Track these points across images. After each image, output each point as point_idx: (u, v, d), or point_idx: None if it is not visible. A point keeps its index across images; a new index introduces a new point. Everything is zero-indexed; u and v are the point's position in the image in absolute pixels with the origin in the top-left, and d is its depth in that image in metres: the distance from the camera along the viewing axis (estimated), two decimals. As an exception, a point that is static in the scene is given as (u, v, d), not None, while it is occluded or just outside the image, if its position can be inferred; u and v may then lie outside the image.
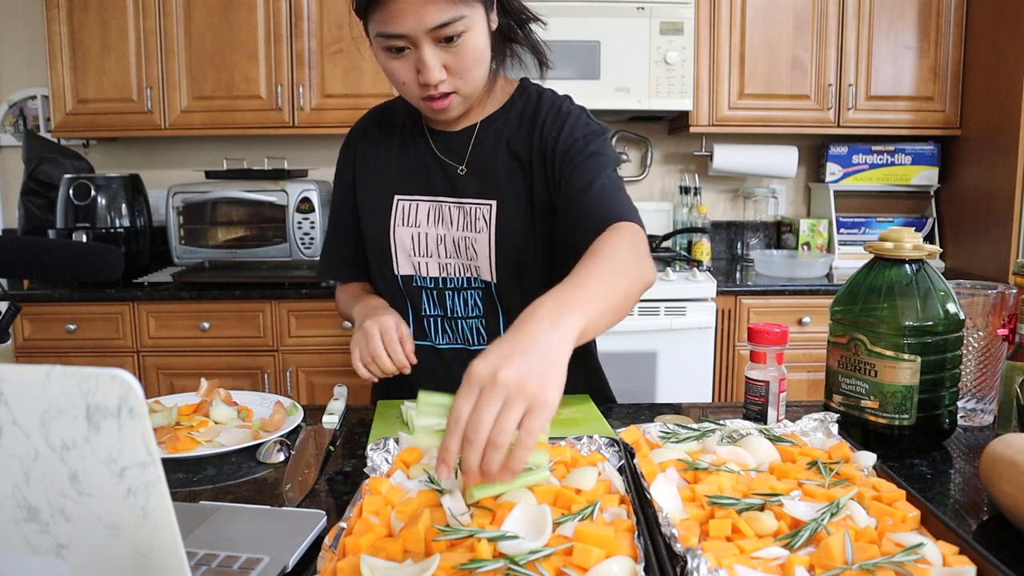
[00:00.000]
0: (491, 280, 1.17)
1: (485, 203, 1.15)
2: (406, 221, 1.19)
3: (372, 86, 2.64)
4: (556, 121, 1.14)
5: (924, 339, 0.96)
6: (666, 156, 3.11)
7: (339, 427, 1.10)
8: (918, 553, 0.62)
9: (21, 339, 2.46)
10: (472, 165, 1.17)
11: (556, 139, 1.13)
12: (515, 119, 1.17)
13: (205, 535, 0.72)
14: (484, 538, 0.63)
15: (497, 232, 1.14)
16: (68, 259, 1.01)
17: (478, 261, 1.16)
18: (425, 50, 1.00)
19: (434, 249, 1.18)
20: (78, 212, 2.56)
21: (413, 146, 1.21)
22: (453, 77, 1.04)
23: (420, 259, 1.19)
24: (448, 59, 1.02)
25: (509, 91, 1.20)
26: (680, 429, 0.93)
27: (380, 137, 1.24)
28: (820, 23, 2.70)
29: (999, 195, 2.57)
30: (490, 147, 1.17)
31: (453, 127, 1.19)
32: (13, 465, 0.46)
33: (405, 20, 0.98)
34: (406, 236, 1.19)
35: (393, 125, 1.23)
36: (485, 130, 1.18)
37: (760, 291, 2.52)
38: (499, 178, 1.15)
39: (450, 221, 1.17)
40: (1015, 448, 0.77)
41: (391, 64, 1.04)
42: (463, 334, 1.22)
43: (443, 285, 1.20)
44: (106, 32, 2.62)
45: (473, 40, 1.02)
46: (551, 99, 1.18)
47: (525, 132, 1.16)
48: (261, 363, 2.49)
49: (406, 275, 1.20)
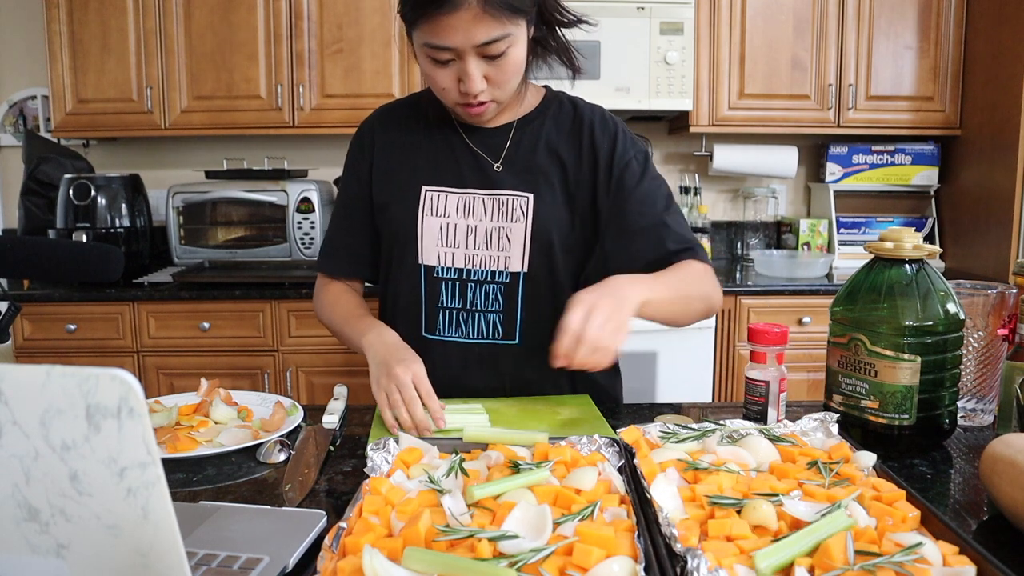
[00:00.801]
0: (520, 270, 1.20)
1: (522, 195, 1.19)
2: (435, 211, 1.20)
3: (372, 86, 2.64)
4: (605, 132, 1.22)
5: (924, 339, 0.96)
6: (666, 156, 3.11)
7: (339, 427, 1.10)
8: (918, 553, 0.62)
9: (21, 339, 2.46)
10: (509, 161, 1.21)
11: (611, 152, 1.20)
12: (553, 121, 1.23)
13: (205, 535, 0.72)
14: (484, 538, 0.64)
15: (534, 221, 1.18)
16: (68, 259, 1.01)
17: (510, 251, 1.19)
18: (470, 63, 1.05)
19: (462, 240, 1.19)
20: (78, 212, 2.56)
21: (443, 140, 1.22)
22: (492, 87, 1.09)
23: (446, 249, 1.20)
24: (490, 71, 1.07)
25: (538, 93, 1.26)
26: (680, 429, 0.93)
27: (403, 131, 1.25)
28: (820, 23, 2.70)
29: (999, 195, 2.57)
30: (528, 145, 1.21)
31: (489, 124, 1.22)
32: (13, 465, 0.46)
33: (455, 35, 1.01)
34: (434, 225, 1.19)
35: (416, 119, 1.24)
36: (523, 129, 1.22)
37: (760, 291, 2.52)
38: (537, 174, 1.20)
39: (483, 212, 1.19)
40: (1015, 448, 0.77)
41: (433, 71, 1.08)
42: (479, 327, 1.22)
43: (466, 277, 1.21)
44: (106, 32, 2.62)
45: (515, 54, 1.07)
46: (590, 107, 1.26)
47: (569, 136, 1.22)
48: (261, 363, 2.49)
49: (429, 264, 1.21)
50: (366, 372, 1.12)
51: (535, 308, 1.21)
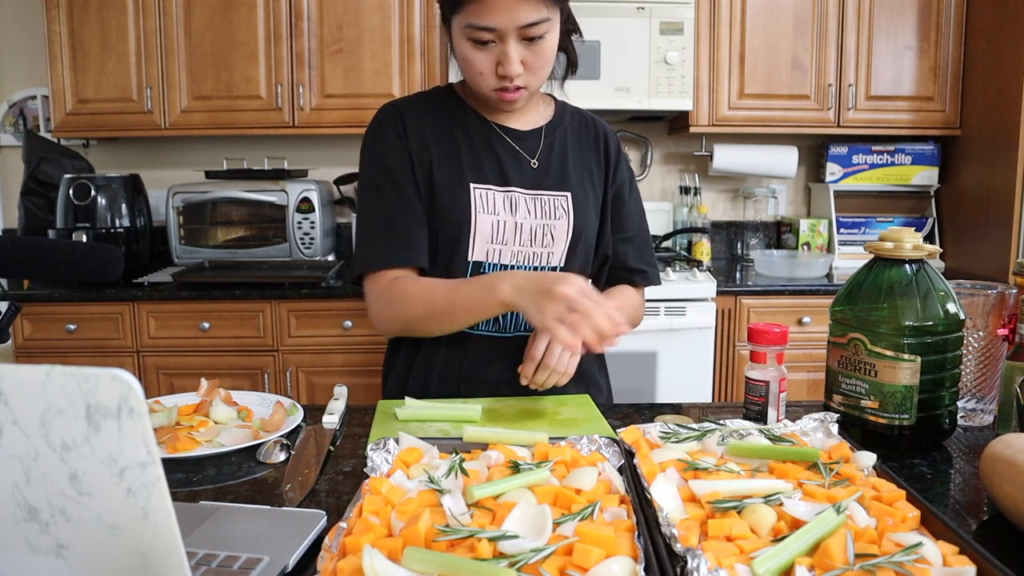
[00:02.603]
0: (559, 265, 1.25)
1: (561, 195, 1.25)
2: (486, 208, 1.21)
3: (372, 86, 2.64)
4: (612, 143, 1.32)
5: (924, 339, 0.96)
6: (666, 156, 3.11)
7: (339, 427, 1.10)
8: (918, 553, 0.62)
9: (21, 339, 2.46)
10: (544, 160, 1.26)
11: (616, 163, 1.31)
12: (574, 129, 1.30)
13: (205, 535, 0.72)
14: (484, 538, 0.64)
15: (575, 219, 1.25)
16: (68, 259, 1.01)
17: (553, 247, 1.24)
18: (510, 45, 1.10)
19: (511, 237, 1.22)
20: (78, 212, 2.56)
21: (481, 139, 1.24)
22: (528, 73, 1.14)
23: (496, 246, 1.22)
24: (527, 56, 1.12)
25: (548, 101, 1.32)
26: (680, 429, 0.93)
27: (435, 125, 1.23)
28: (820, 23, 2.70)
29: (999, 195, 2.57)
30: (559, 149, 1.27)
31: (521, 126, 1.27)
32: (13, 465, 0.46)
33: (499, 15, 1.07)
34: (486, 223, 1.21)
35: (442, 115, 1.25)
36: (551, 134, 1.28)
37: (760, 291, 2.52)
38: (570, 175, 1.26)
39: (527, 211, 1.22)
40: (1015, 448, 0.77)
41: (472, 54, 1.12)
42: (516, 320, 1.24)
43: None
44: (106, 32, 2.62)
45: (551, 41, 1.13)
46: (595, 117, 1.34)
47: (589, 144, 1.30)
48: (261, 363, 2.49)
49: (478, 261, 1.22)
50: (366, 372, 1.12)
51: None
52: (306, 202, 2.59)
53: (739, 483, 0.76)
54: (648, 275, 1.34)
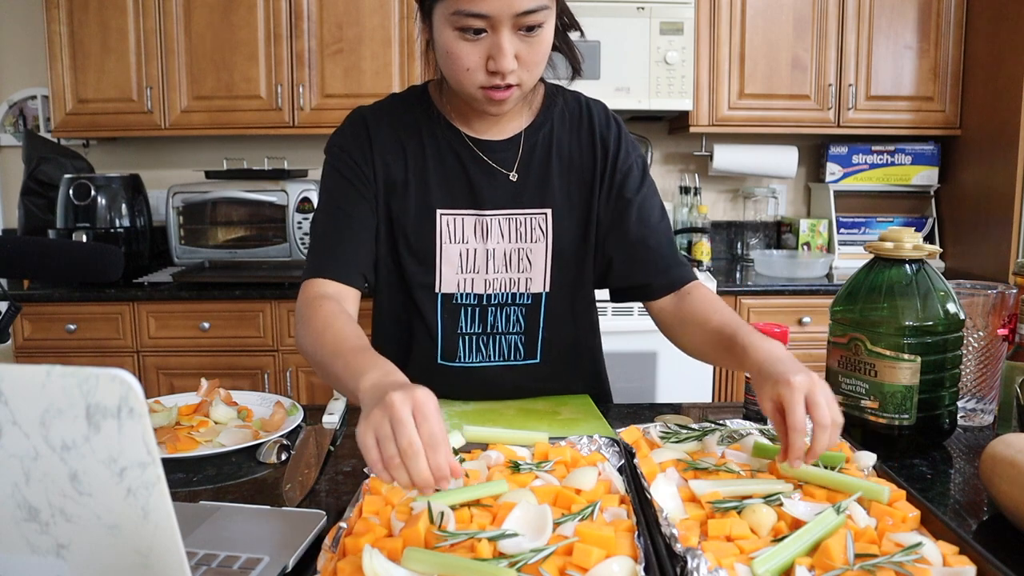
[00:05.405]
0: (542, 291, 1.16)
1: (539, 212, 1.15)
2: (453, 238, 1.13)
3: (372, 86, 2.64)
4: (610, 130, 1.18)
5: (924, 339, 0.96)
6: (666, 156, 3.10)
7: (339, 427, 1.10)
8: (918, 553, 0.62)
9: (21, 339, 2.46)
10: (523, 169, 1.15)
11: (615, 154, 1.17)
12: (561, 123, 1.17)
13: (205, 535, 0.72)
14: (484, 538, 0.64)
15: (554, 241, 1.15)
16: (68, 259, 1.01)
17: (531, 272, 1.15)
18: (504, 35, 0.97)
19: (482, 265, 1.14)
20: (78, 212, 2.56)
21: (452, 156, 1.14)
22: (521, 69, 1.01)
23: (466, 276, 1.14)
24: (522, 49, 0.99)
25: (540, 95, 1.18)
26: (680, 429, 0.93)
27: (404, 136, 1.14)
28: (820, 23, 2.70)
29: (999, 195, 2.57)
30: (541, 155, 1.15)
31: (497, 135, 1.15)
32: (13, 465, 0.46)
33: (494, 0, 0.94)
34: (454, 253, 1.13)
35: (413, 128, 1.14)
36: (532, 138, 1.16)
37: (760, 291, 2.52)
38: (552, 185, 1.15)
39: (500, 234, 1.14)
40: (1015, 448, 0.77)
41: (459, 46, 0.98)
42: (500, 350, 1.18)
43: (486, 302, 1.16)
44: (106, 32, 2.62)
45: (547, 34, 1.01)
46: (594, 102, 1.21)
47: (582, 138, 1.17)
48: (261, 363, 2.49)
49: (448, 293, 1.15)
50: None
51: (557, 325, 1.19)
52: (306, 202, 2.58)
53: (739, 483, 0.76)
54: (690, 271, 1.18)
